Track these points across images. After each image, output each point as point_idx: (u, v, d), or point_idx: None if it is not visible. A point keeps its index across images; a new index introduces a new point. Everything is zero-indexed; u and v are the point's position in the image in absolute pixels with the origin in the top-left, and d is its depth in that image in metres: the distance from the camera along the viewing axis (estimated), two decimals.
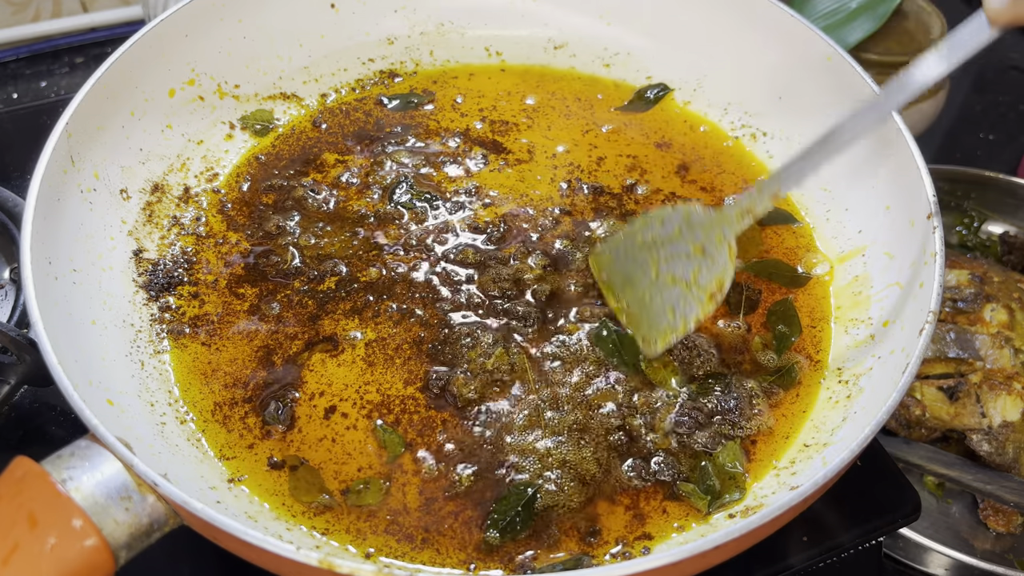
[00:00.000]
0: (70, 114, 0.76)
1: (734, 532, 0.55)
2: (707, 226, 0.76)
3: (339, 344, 0.76)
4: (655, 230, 0.78)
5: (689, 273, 0.75)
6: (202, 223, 0.85)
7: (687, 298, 0.74)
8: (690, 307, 0.74)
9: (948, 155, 1.30)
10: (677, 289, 0.75)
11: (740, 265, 0.83)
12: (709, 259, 0.75)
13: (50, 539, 0.53)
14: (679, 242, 0.76)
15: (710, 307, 0.74)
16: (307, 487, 0.68)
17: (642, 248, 0.78)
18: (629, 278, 0.78)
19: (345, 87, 0.99)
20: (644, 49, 1.00)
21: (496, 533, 0.66)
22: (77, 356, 0.66)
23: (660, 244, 0.77)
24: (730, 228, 0.75)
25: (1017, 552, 0.87)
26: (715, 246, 0.75)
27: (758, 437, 0.73)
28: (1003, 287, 0.96)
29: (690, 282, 0.75)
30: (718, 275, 0.74)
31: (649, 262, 0.77)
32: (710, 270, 0.74)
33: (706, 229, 0.76)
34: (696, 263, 0.75)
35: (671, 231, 0.77)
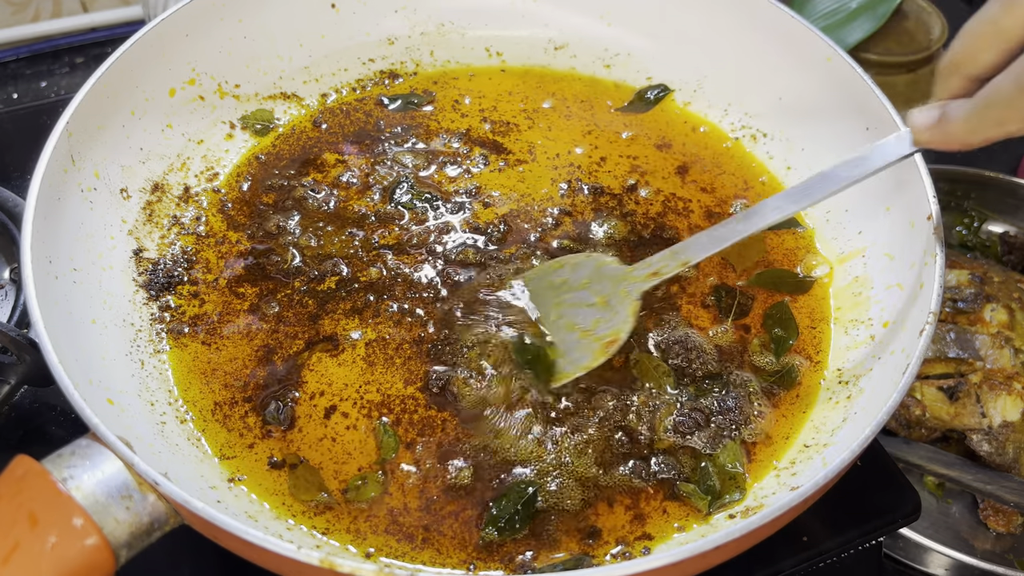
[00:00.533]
0: (70, 114, 0.76)
1: (734, 532, 0.55)
2: (615, 280, 0.77)
3: (339, 344, 0.76)
4: (564, 274, 0.79)
5: (588, 322, 0.75)
6: (202, 223, 0.85)
7: (581, 345, 0.74)
8: (583, 355, 0.74)
9: (948, 155, 1.29)
10: (574, 335, 0.75)
11: (744, 282, 0.83)
12: (611, 311, 0.75)
13: (51, 538, 0.53)
14: (585, 291, 0.77)
15: (602, 357, 0.73)
16: (307, 486, 0.68)
17: (548, 289, 0.79)
18: (539, 310, 0.79)
19: (345, 87, 0.99)
20: (644, 50, 1.00)
21: (494, 531, 0.66)
22: (77, 355, 0.66)
23: (566, 289, 0.78)
24: (636, 286, 0.76)
25: (1017, 552, 0.87)
26: (619, 300, 0.76)
27: (758, 437, 0.73)
28: (1003, 287, 0.96)
29: (587, 330, 0.75)
30: (616, 328, 0.74)
31: (551, 304, 0.78)
32: (609, 322, 0.75)
33: (614, 282, 0.77)
34: (597, 314, 0.76)
35: (579, 278, 0.78)
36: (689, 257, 0.75)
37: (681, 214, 0.88)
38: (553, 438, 0.71)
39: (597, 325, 0.75)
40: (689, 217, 0.88)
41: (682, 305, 0.80)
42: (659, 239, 0.85)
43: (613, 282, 0.77)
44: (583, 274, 0.78)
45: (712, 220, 0.87)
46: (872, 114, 0.82)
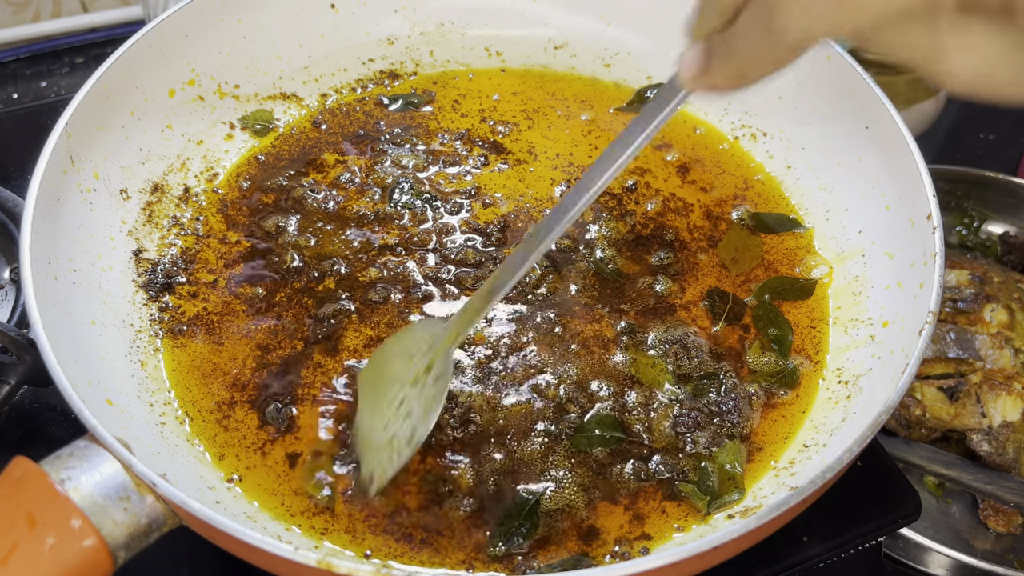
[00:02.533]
0: (70, 114, 0.76)
1: (733, 532, 0.55)
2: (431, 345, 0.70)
3: (339, 344, 0.76)
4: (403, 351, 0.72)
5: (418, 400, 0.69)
6: (202, 223, 0.85)
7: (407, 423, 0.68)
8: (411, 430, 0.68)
9: (948, 155, 1.30)
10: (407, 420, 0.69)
11: (751, 300, 0.82)
12: (434, 375, 0.69)
13: (49, 539, 0.53)
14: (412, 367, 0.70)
15: (430, 423, 0.68)
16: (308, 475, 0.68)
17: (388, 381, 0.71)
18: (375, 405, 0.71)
19: (345, 87, 0.99)
20: (644, 49, 1.00)
21: (503, 547, 0.65)
22: (76, 356, 0.66)
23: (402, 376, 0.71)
24: (451, 345, 0.69)
25: (1017, 552, 0.87)
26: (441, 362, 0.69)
27: (757, 437, 0.73)
28: (1003, 287, 0.96)
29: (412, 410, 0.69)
30: (439, 390, 0.69)
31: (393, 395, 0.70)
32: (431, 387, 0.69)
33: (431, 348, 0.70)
34: (420, 385, 0.69)
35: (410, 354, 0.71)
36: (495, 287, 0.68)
37: (681, 214, 0.88)
38: (552, 437, 0.71)
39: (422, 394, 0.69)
40: (689, 216, 0.88)
41: (678, 306, 0.80)
42: (659, 239, 0.85)
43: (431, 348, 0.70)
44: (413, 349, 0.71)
45: (711, 220, 0.87)
46: (872, 113, 0.82)
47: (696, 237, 0.86)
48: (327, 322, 0.77)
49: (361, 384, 0.72)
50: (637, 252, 0.84)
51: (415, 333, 0.72)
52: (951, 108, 1.27)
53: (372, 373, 0.72)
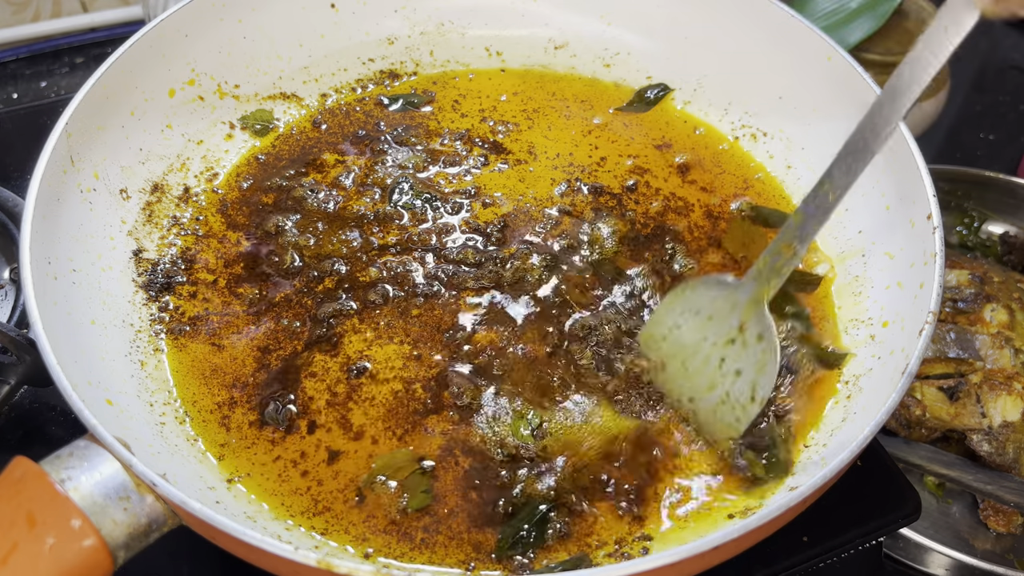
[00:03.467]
0: (70, 114, 0.76)
1: (733, 533, 0.55)
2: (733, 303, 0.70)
3: (339, 344, 0.76)
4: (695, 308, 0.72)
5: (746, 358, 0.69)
6: (202, 223, 0.85)
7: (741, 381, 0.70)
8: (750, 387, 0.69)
9: (948, 155, 1.30)
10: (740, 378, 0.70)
11: None
12: (754, 334, 0.70)
13: (49, 539, 0.53)
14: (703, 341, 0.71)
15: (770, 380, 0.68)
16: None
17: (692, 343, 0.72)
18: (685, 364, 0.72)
19: (345, 87, 0.99)
20: (644, 49, 1.00)
21: (509, 551, 0.65)
22: (76, 356, 0.66)
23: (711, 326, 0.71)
24: (764, 300, 0.69)
25: (1017, 552, 0.87)
26: (758, 320, 0.69)
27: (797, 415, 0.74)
28: (1003, 287, 0.96)
29: (743, 368, 0.70)
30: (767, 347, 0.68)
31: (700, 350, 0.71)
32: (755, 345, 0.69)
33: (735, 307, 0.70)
34: (739, 344, 0.70)
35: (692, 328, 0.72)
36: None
37: (681, 213, 0.88)
38: (552, 436, 0.71)
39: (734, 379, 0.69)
40: (689, 216, 0.88)
41: None
42: (659, 238, 0.85)
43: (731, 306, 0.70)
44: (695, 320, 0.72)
45: (712, 220, 0.87)
46: None
47: (696, 237, 0.86)
48: (327, 322, 0.77)
49: (649, 340, 0.73)
50: (638, 251, 0.84)
51: (699, 294, 0.72)
52: (951, 108, 1.27)
53: (664, 331, 0.73)
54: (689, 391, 0.71)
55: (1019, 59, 1.43)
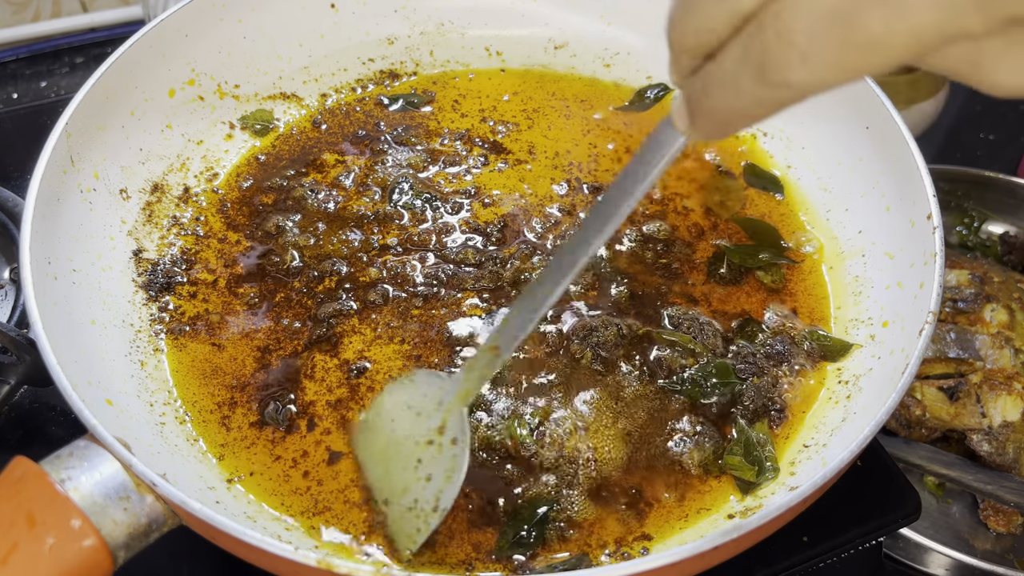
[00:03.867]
0: (70, 114, 0.76)
1: (733, 533, 0.55)
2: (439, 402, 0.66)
3: (339, 344, 0.76)
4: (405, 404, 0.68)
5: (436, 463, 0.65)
6: (202, 223, 0.85)
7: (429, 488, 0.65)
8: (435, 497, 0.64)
9: (948, 155, 1.30)
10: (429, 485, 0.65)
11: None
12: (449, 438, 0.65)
13: (48, 539, 0.53)
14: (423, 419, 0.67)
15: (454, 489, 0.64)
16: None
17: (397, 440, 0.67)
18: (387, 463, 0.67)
19: (345, 87, 0.99)
20: (644, 49, 1.00)
21: (508, 551, 0.65)
22: (76, 356, 0.66)
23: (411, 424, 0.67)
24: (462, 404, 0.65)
25: (1017, 552, 0.87)
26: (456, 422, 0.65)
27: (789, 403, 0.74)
28: (1003, 287, 0.96)
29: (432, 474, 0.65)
30: (458, 453, 0.64)
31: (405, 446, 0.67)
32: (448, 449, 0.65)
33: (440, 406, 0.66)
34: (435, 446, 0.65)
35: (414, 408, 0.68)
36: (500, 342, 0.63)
37: (681, 214, 0.88)
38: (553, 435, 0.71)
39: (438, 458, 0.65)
40: (688, 216, 0.88)
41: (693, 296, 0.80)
42: (659, 238, 0.85)
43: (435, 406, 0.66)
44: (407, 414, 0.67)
45: (711, 219, 0.87)
46: (872, 113, 0.82)
47: (696, 236, 0.86)
48: (327, 322, 0.77)
49: (362, 439, 0.70)
50: (637, 251, 0.84)
51: (417, 386, 0.69)
52: (951, 108, 1.27)
53: (375, 428, 0.69)
54: (387, 492, 0.66)
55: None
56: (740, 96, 0.42)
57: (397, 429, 0.67)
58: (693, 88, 0.46)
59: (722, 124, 0.45)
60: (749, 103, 0.42)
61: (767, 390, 0.74)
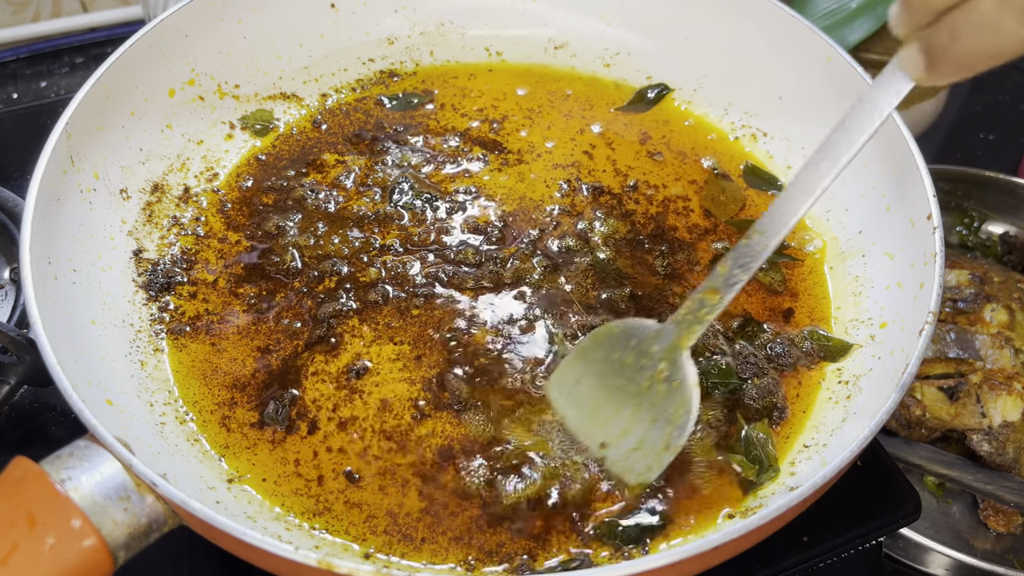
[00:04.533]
0: (70, 114, 0.76)
1: (733, 533, 0.55)
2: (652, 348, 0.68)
3: (339, 344, 0.76)
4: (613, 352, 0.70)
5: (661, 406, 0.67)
6: (202, 223, 0.85)
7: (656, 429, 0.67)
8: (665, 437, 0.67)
9: (948, 155, 1.30)
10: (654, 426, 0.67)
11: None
12: (671, 382, 0.67)
13: (49, 539, 0.53)
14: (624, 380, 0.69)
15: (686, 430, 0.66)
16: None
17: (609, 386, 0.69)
18: (597, 408, 0.70)
19: (345, 87, 0.99)
20: (644, 49, 1.00)
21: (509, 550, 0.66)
22: (76, 356, 0.66)
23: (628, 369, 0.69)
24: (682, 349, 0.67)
25: (1017, 552, 0.87)
26: (675, 367, 0.67)
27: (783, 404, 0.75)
28: (1003, 287, 0.96)
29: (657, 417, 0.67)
30: (685, 396, 0.66)
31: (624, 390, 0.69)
32: (672, 393, 0.67)
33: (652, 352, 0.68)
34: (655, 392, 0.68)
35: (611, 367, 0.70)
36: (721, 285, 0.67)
37: (681, 213, 0.88)
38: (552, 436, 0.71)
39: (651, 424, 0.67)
40: (689, 216, 0.88)
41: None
42: (659, 238, 0.85)
43: (650, 352, 0.68)
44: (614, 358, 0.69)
45: (711, 219, 0.87)
46: None
47: (696, 236, 0.86)
48: (327, 322, 0.77)
49: (564, 385, 0.71)
50: (637, 251, 0.84)
51: (621, 337, 0.70)
52: (951, 108, 1.27)
53: (577, 375, 0.70)
54: (602, 436, 0.68)
55: (1019, 59, 1.42)
56: (1000, 37, 0.48)
57: (605, 377, 0.69)
58: (935, 37, 0.52)
59: (968, 67, 0.52)
60: (1008, 42, 0.48)
61: (767, 390, 0.74)
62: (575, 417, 0.70)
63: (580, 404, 0.70)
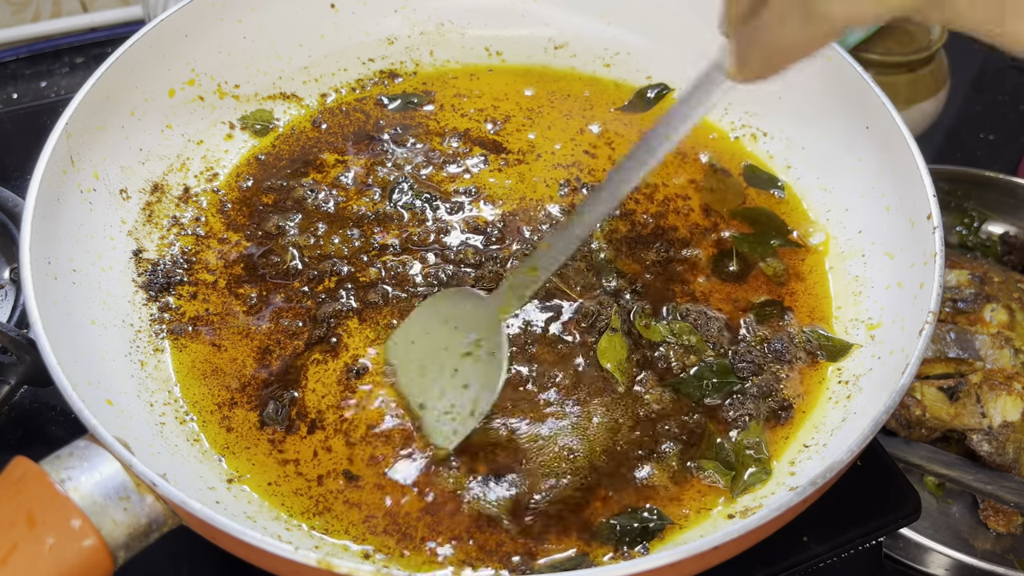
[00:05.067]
0: (70, 114, 0.76)
1: (733, 533, 0.55)
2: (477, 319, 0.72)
3: (339, 344, 0.76)
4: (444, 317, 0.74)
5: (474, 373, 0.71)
6: (202, 223, 0.85)
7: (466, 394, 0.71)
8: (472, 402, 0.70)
9: (948, 155, 1.30)
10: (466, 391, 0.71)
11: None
12: (487, 351, 0.71)
13: (48, 539, 0.53)
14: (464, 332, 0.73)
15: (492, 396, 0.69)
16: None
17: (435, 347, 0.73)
18: (423, 370, 0.73)
19: (345, 87, 0.99)
20: (644, 49, 1.00)
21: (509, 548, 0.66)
22: (76, 356, 0.66)
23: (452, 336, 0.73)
24: (501, 321, 0.71)
25: (1017, 552, 0.87)
26: (493, 338, 0.71)
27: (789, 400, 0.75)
28: (1003, 287, 0.96)
29: (470, 383, 0.71)
30: (497, 364, 0.70)
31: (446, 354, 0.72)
32: (486, 360, 0.71)
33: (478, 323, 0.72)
34: (473, 358, 0.71)
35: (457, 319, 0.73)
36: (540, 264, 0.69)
37: (681, 213, 0.88)
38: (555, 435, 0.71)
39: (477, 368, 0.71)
40: (688, 216, 0.88)
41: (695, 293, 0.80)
42: (659, 238, 0.85)
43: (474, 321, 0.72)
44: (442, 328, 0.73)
45: (710, 218, 0.87)
46: (872, 113, 0.82)
47: (696, 235, 0.86)
48: (327, 322, 0.77)
49: (398, 346, 0.75)
50: (637, 251, 0.84)
51: (454, 302, 0.74)
52: (951, 108, 1.27)
53: (412, 337, 0.75)
54: (422, 396, 0.72)
55: (1019, 59, 1.43)
56: (789, 33, 0.49)
57: (435, 340, 0.73)
58: (744, 34, 0.53)
59: (770, 64, 0.53)
60: (797, 39, 0.49)
61: (767, 390, 0.74)
62: (404, 375, 0.73)
63: (410, 364, 0.73)
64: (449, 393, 0.71)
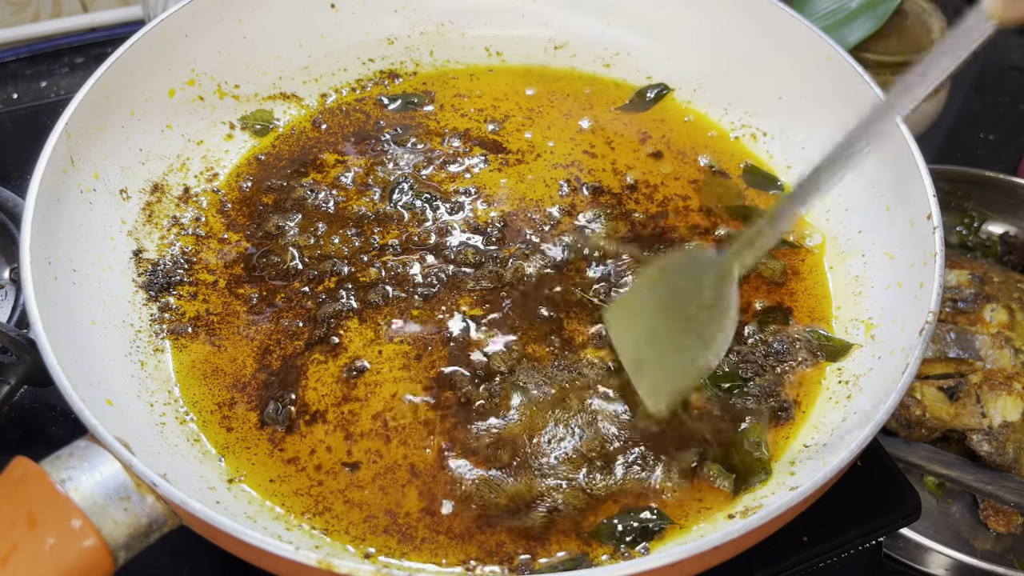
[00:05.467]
0: (70, 114, 0.76)
1: (733, 533, 0.55)
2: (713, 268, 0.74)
3: (339, 344, 0.76)
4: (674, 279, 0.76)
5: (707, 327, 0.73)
6: (202, 223, 0.85)
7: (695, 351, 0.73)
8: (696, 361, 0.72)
9: (948, 155, 1.30)
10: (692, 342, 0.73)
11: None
12: (716, 308, 0.73)
13: (49, 539, 0.53)
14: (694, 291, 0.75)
15: (718, 354, 0.72)
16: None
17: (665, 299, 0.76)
18: (650, 331, 0.75)
19: (345, 87, 0.99)
20: (644, 49, 1.00)
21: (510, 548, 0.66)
22: (76, 356, 0.66)
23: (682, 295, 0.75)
24: (735, 267, 0.74)
25: (1017, 552, 0.87)
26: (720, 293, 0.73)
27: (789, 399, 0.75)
28: (1003, 287, 0.96)
29: (701, 335, 0.73)
30: (729, 323, 0.72)
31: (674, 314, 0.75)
32: (715, 319, 0.73)
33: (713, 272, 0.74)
34: (706, 313, 0.73)
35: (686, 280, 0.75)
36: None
37: (681, 213, 0.88)
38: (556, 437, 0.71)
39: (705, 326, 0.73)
40: (688, 216, 0.88)
41: None
42: (659, 238, 0.85)
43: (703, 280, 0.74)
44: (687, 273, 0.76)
45: (710, 218, 0.87)
46: None
47: (696, 235, 0.86)
48: (327, 323, 0.77)
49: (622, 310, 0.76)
50: (638, 251, 0.84)
51: (685, 264, 0.77)
52: (951, 108, 1.27)
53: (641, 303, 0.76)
54: (640, 355, 0.73)
55: (1019, 59, 1.43)
56: None
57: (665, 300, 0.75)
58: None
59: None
60: None
61: (768, 390, 0.74)
62: (623, 335, 0.74)
63: (633, 326, 0.75)
64: (685, 340, 0.72)
